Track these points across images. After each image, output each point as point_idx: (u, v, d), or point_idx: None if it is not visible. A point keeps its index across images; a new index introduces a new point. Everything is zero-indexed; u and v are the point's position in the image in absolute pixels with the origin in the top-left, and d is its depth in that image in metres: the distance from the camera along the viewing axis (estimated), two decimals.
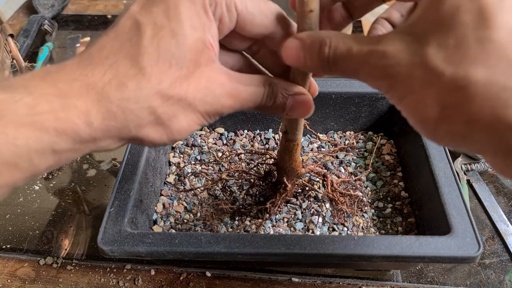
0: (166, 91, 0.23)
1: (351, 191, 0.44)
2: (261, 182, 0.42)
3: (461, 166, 0.54)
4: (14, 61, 0.55)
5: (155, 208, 0.44)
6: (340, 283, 0.44)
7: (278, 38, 0.28)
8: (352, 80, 0.49)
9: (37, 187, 0.55)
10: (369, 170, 0.48)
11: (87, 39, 0.81)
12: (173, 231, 0.41)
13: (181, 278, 0.44)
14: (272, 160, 0.42)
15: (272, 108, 0.28)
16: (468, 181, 0.53)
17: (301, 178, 0.42)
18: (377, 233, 0.43)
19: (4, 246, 0.48)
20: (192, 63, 0.24)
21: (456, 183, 0.40)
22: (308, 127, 0.51)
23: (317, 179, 0.45)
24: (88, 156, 0.58)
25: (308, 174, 0.43)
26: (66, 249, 0.48)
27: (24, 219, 0.51)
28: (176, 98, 0.24)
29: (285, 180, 0.39)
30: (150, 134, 0.24)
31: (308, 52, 0.25)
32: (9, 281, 0.45)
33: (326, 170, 0.48)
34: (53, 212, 0.52)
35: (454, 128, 0.21)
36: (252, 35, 0.28)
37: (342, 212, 0.43)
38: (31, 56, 0.75)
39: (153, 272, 0.45)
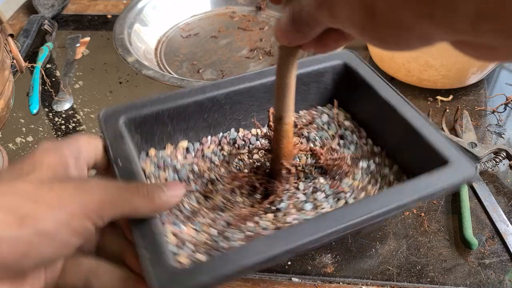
0: None
1: (335, 155, 0.47)
2: (258, 178, 0.42)
3: None
4: (14, 61, 0.55)
5: (167, 240, 0.39)
6: (340, 283, 0.44)
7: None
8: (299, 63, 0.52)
9: None
10: (337, 139, 0.51)
11: (87, 39, 0.81)
12: (200, 255, 0.38)
13: None
14: (261, 152, 0.42)
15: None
16: None
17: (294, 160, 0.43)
18: (376, 188, 0.46)
19: None
20: None
21: (427, 121, 0.44)
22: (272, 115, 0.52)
23: (304, 156, 0.48)
24: None
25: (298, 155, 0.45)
26: None
27: None
28: None
29: (286, 164, 0.40)
30: None
31: (288, 25, 0.28)
32: None
33: (311, 145, 0.50)
34: None
35: (390, 16, 0.19)
36: None
37: (340, 174, 0.45)
38: (31, 56, 0.75)
39: None
